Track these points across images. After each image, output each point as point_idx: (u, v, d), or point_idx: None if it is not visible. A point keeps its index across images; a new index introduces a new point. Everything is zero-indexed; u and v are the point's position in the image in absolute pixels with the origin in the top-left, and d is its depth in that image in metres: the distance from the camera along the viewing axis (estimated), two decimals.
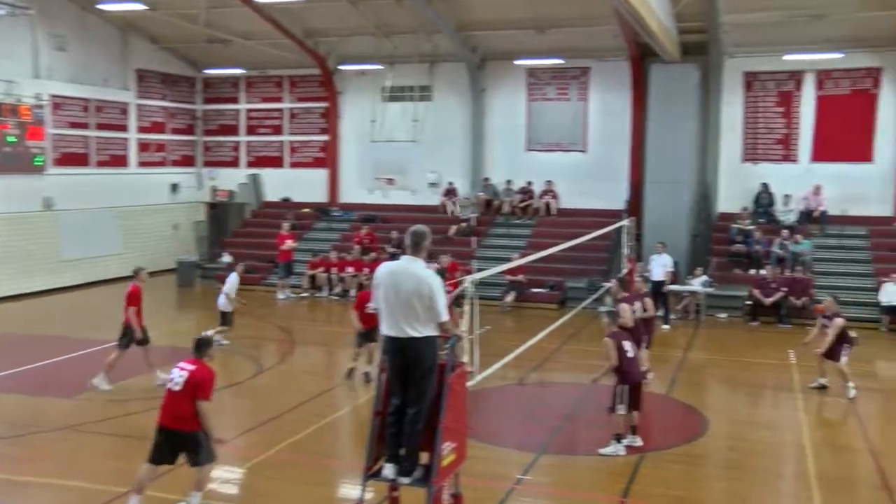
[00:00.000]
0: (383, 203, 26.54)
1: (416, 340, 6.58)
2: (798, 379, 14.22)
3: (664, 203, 21.69)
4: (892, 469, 9.86)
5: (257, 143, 28.84)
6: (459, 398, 6.72)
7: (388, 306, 6.67)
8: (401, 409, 6.62)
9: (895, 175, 22.35)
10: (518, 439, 11.21)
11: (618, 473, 9.71)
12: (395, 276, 6.68)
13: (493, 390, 13.21)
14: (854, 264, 21.34)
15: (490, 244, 24.23)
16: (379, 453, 6.73)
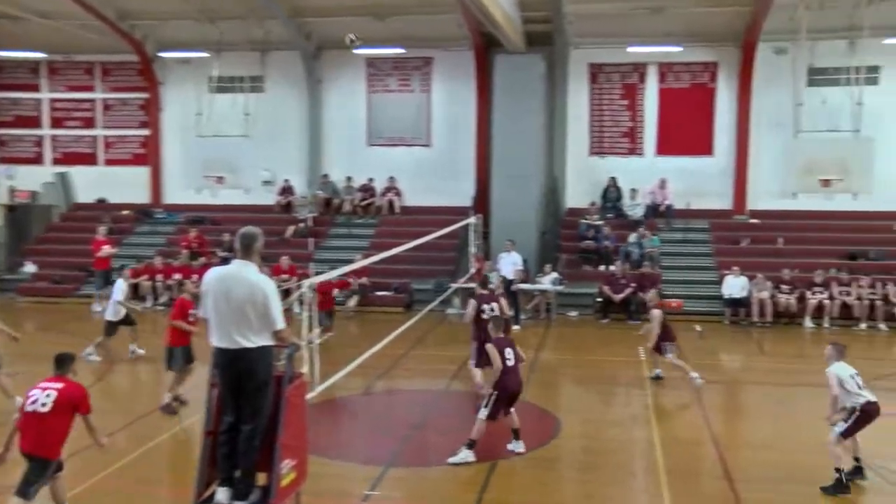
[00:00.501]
0: (213, 203, 25.79)
1: (250, 351, 6.44)
2: (648, 376, 14.98)
3: (512, 199, 22.30)
4: (733, 459, 10.57)
5: (65, 138, 27.37)
6: (298, 412, 6.63)
7: (219, 315, 6.48)
8: (234, 426, 6.45)
9: (734, 169, 24.01)
10: (364, 453, 11.16)
11: (470, 483, 9.85)
12: (225, 282, 6.51)
13: (336, 402, 13.13)
14: (698, 258, 22.80)
15: (330, 245, 24.14)
16: (211, 477, 6.53)
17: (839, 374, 9.62)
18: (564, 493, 9.96)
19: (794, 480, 9.91)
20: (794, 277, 20.66)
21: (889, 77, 23.04)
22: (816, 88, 22.25)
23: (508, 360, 10.52)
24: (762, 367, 16.82)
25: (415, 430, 11.96)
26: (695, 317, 20.48)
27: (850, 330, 19.75)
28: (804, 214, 23.22)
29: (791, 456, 10.76)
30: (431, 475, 10.24)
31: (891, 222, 23.00)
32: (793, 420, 12.56)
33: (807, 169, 20.53)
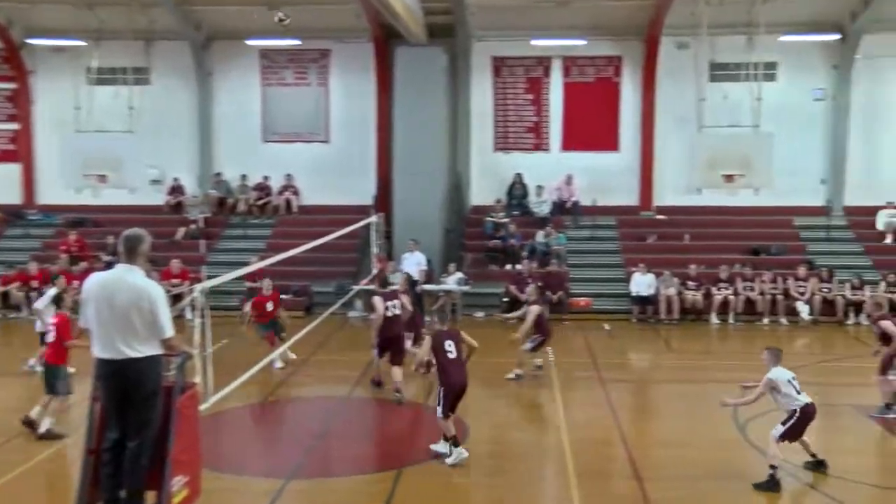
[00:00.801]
0: (95, 204, 24.89)
1: (137, 362, 6.23)
2: (557, 376, 15.20)
3: (415, 197, 22.31)
4: (643, 458, 10.82)
5: None
6: (191, 424, 6.45)
7: (101, 324, 6.24)
8: (119, 443, 6.22)
9: (640, 164, 24.62)
10: (264, 465, 10.97)
11: (374, 493, 9.79)
12: (107, 288, 6.28)
13: (233, 412, 12.86)
14: (605, 255, 23.28)
15: (224, 247, 23.72)
16: (93, 498, 6.27)
17: (777, 380, 9.94)
18: (473, 500, 10.02)
19: (704, 478, 10.22)
20: (700, 274, 21.34)
21: (786, 73, 24.09)
22: (718, 84, 23.00)
23: (450, 354, 10.58)
24: (670, 365, 17.29)
25: (317, 440, 11.83)
26: (603, 315, 21.00)
27: (753, 325, 20.53)
28: (709, 210, 23.99)
29: (700, 453, 11.09)
30: (335, 486, 10.15)
31: (790, 217, 24.05)
32: (701, 417, 12.92)
33: (710, 164, 21.14)
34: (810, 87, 24.38)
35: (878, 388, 12.89)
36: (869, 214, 23.82)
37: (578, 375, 15.70)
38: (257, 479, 10.35)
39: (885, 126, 24.23)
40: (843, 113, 24.17)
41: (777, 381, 9.95)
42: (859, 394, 13.98)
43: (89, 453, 6.32)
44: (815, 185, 24.36)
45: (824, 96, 24.39)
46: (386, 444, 11.07)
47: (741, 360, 17.58)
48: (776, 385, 9.96)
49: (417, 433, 12.56)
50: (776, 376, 10.00)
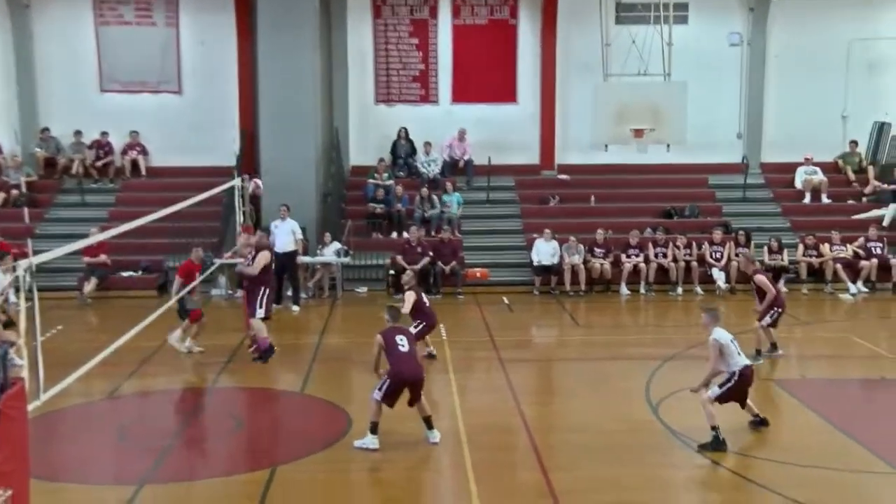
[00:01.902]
0: None
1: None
2: (452, 357, 15.25)
3: (285, 157, 21.87)
4: (546, 446, 10.99)
5: None
6: (16, 428, 6.16)
7: None
8: None
9: (540, 118, 24.84)
10: (111, 470, 10.68)
11: (243, 496, 9.66)
12: None
13: (71, 410, 12.48)
14: (503, 220, 23.48)
15: (56, 216, 22.94)
16: None
17: (721, 341, 10.68)
18: (358, 499, 9.96)
19: (615, 463, 10.44)
20: (609, 240, 21.72)
21: (698, 15, 24.73)
22: (625, 26, 23.18)
23: (401, 347, 10.82)
24: (577, 341, 17.57)
25: (175, 438, 11.55)
26: (501, 288, 21.18)
27: (667, 295, 21.08)
28: (616, 168, 24.49)
29: (610, 437, 11.32)
30: (198, 491, 9.96)
31: (705, 175, 24.76)
32: (611, 398, 13.20)
33: (618, 117, 21.35)
34: (725, 32, 25.10)
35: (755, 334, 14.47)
36: (787, 171, 24.78)
37: (475, 356, 15.80)
38: (102, 488, 10.05)
39: (804, 74, 25.09)
40: (759, 60, 24.99)
41: (721, 342, 10.64)
42: (780, 367, 14.56)
43: None
44: (731, 140, 25.19)
45: (739, 41, 25.11)
46: (257, 438, 10.89)
47: (654, 334, 18.16)
48: (720, 346, 10.63)
49: (292, 425, 12.43)
50: (720, 336, 10.71)
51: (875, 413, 12.77)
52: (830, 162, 25.16)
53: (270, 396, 13.49)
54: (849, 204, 23.87)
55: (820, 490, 9.59)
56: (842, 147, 25.31)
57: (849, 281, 20.98)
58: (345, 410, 12.47)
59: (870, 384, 14.14)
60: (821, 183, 24.10)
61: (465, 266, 21.58)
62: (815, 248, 21.54)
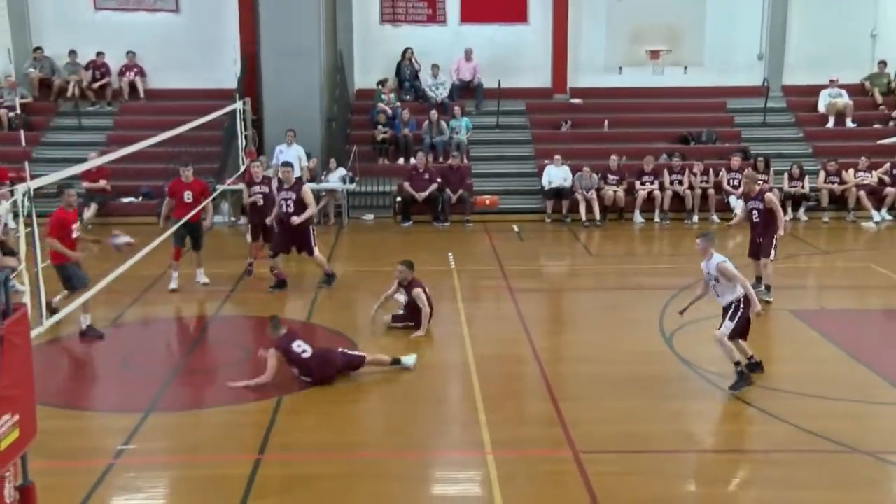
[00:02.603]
0: None
1: None
2: (460, 286, 15.33)
3: (288, 79, 21.79)
4: (557, 377, 11.09)
5: None
6: (20, 354, 6.22)
7: None
8: None
9: (552, 39, 24.52)
10: (116, 398, 10.84)
11: (252, 425, 9.80)
12: None
13: (75, 338, 12.59)
14: (514, 146, 23.37)
15: (53, 140, 22.89)
16: None
17: (727, 264, 10.38)
18: (368, 429, 10.11)
19: (626, 396, 10.53)
20: (623, 166, 21.62)
21: None
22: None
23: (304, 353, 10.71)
24: (589, 271, 17.62)
25: (180, 366, 11.69)
26: (511, 215, 21.17)
27: (682, 223, 21.02)
28: (631, 92, 24.26)
29: (621, 368, 11.41)
30: (205, 419, 10.15)
31: (723, 99, 24.51)
32: (624, 329, 13.28)
33: (633, 38, 21.16)
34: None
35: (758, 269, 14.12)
36: (810, 94, 24.47)
37: (484, 285, 15.88)
38: (108, 415, 10.23)
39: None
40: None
41: (727, 266, 10.38)
42: (798, 298, 14.60)
43: None
44: (751, 61, 24.84)
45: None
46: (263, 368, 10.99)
47: (669, 264, 18.16)
48: (727, 271, 10.34)
49: None
50: (725, 260, 10.45)
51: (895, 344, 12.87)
52: (857, 84, 24.80)
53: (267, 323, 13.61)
54: (875, 128, 23.66)
55: (836, 421, 9.68)
56: (870, 68, 24.92)
57: (872, 208, 20.91)
58: (350, 339, 12.58)
59: (891, 315, 14.21)
60: (846, 106, 23.82)
61: (474, 193, 21.56)
62: (838, 174, 21.43)
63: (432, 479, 8.95)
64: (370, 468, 8.89)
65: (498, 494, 8.19)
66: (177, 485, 8.79)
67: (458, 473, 8.97)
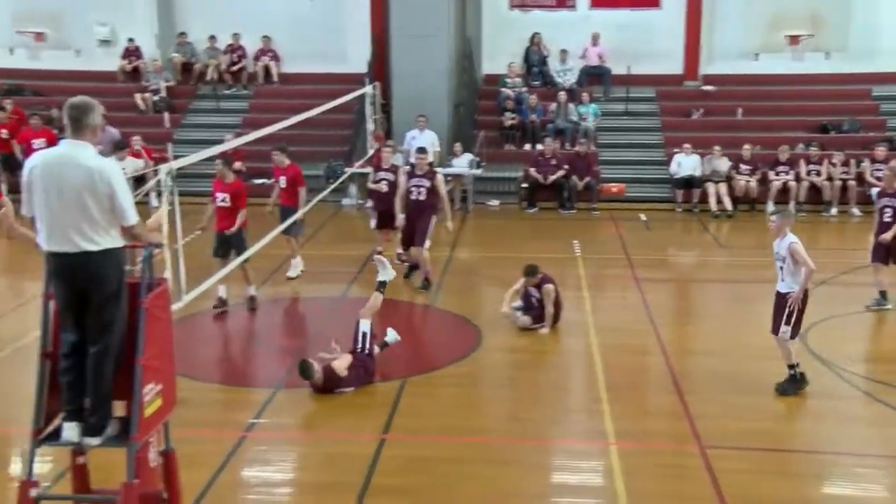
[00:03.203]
0: (33, 68, 24.61)
1: (95, 255, 6.16)
2: (585, 274, 15.28)
3: (416, 65, 21.93)
4: (682, 369, 10.96)
5: None
6: (162, 326, 6.46)
7: (50, 211, 6.13)
8: (79, 347, 6.25)
9: (685, 24, 24.05)
10: (248, 374, 11.22)
11: (376, 405, 9.99)
12: (53, 168, 6.14)
13: (210, 313, 13.02)
14: (643, 134, 23.07)
15: (193, 122, 23.63)
16: (53, 409, 6.38)
17: (800, 244, 10.07)
18: (488, 415, 10.18)
19: (755, 391, 10.35)
20: (756, 156, 21.12)
21: None
22: None
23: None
24: (718, 262, 17.32)
25: (310, 347, 11.97)
26: (639, 204, 20.93)
27: (819, 216, 20.41)
28: (768, 79, 23.56)
29: (751, 364, 11.18)
30: (332, 398, 10.29)
31: (868, 86, 23.57)
32: (753, 323, 12.97)
33: (772, 23, 20.46)
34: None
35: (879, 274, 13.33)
36: None
37: (610, 273, 15.78)
38: (241, 390, 10.57)
39: None
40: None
41: (799, 248, 10.03)
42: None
43: (45, 357, 6.36)
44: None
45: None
46: (390, 349, 11.19)
47: None
48: (797, 252, 9.99)
49: (423, 337, 12.74)
50: (797, 241, 10.10)
51: None
52: None
53: (402, 308, 13.78)
54: None
55: None
56: None
57: None
58: (474, 325, 12.68)
59: None
60: None
61: (601, 181, 21.38)
62: None
63: (553, 467, 8.99)
64: (490, 453, 8.98)
65: (621, 485, 8.16)
66: (303, 460, 9.08)
67: (580, 463, 8.97)
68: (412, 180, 14.49)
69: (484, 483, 8.32)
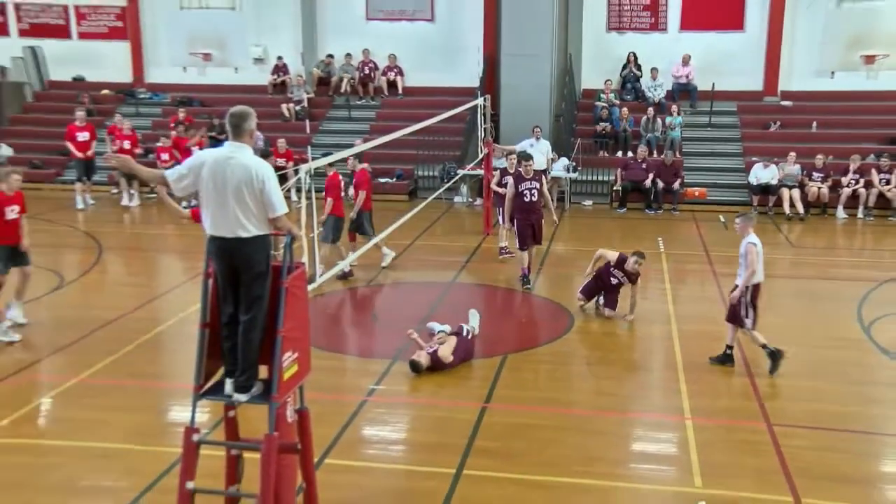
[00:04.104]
0: (201, 83, 25.44)
1: (247, 241, 6.38)
2: (668, 268, 15.08)
3: (522, 79, 21.98)
4: (753, 354, 10.70)
5: (31, 7, 26.54)
6: (299, 303, 6.62)
7: (215, 202, 6.40)
8: (235, 317, 6.50)
9: (766, 44, 23.43)
10: (369, 346, 11.39)
11: (480, 378, 10.07)
12: (219, 165, 6.41)
13: (339, 294, 13.30)
14: (724, 143, 22.58)
15: (328, 129, 23.97)
16: (210, 369, 6.62)
17: (758, 246, 10.14)
18: (576, 390, 10.16)
19: (819, 377, 10.18)
20: (828, 165, 20.44)
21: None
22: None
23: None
24: (790, 260, 16.84)
25: (422, 324, 12.11)
26: (719, 207, 20.50)
27: (885, 221, 19.69)
28: (842, 95, 22.80)
29: (816, 352, 10.99)
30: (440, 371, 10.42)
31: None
32: (820, 315, 12.70)
33: (850, 44, 19.63)
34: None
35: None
36: None
37: (689, 268, 15.54)
38: (364, 360, 10.77)
39: None
40: None
41: (759, 247, 10.12)
42: None
43: (203, 327, 6.59)
44: None
45: None
46: (492, 329, 11.26)
47: (868, 258, 17.10)
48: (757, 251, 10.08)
49: (524, 320, 12.74)
50: (757, 241, 10.16)
51: None
52: None
53: (503, 294, 13.84)
54: None
55: None
56: None
57: None
58: (567, 309, 12.65)
59: None
60: None
61: (685, 185, 21.03)
62: None
63: (634, 437, 8.94)
64: (579, 423, 8.98)
65: (695, 456, 8.10)
66: (415, 422, 9.20)
67: (659, 434, 8.91)
68: (523, 184, 13.87)
69: (572, 448, 8.35)
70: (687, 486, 7.65)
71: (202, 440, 6.52)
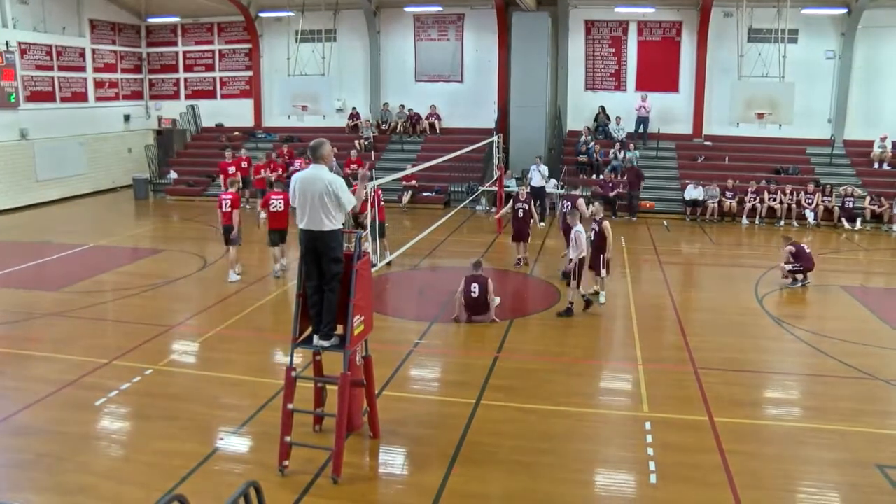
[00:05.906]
0: (299, 126, 25.20)
1: (327, 234, 6.31)
2: (627, 260, 14.73)
3: (525, 123, 21.63)
4: (686, 318, 10.46)
5: (193, 79, 26.82)
6: (365, 281, 6.50)
7: (305, 206, 6.35)
8: (319, 289, 6.37)
9: (694, 102, 22.92)
10: (414, 312, 11.18)
11: (493, 336, 9.85)
12: (306, 180, 6.35)
13: (393, 274, 13.11)
14: (666, 170, 22.02)
15: (387, 157, 23.67)
16: (303, 327, 6.49)
17: (583, 233, 10.30)
18: (565, 344, 9.91)
19: (729, 334, 9.95)
20: (736, 186, 19.90)
21: (805, 38, 21.64)
22: (754, 44, 20.60)
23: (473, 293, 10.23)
24: (711, 253, 16.42)
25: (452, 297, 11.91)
26: (663, 215, 20.10)
27: (773, 226, 19.14)
28: (744, 139, 22.16)
29: (727, 316, 10.74)
30: (465, 330, 10.25)
31: (804, 146, 22.03)
32: (731, 291, 12.32)
33: (746, 104, 19.32)
34: (823, 49, 21.86)
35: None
36: (865, 146, 21.44)
37: (643, 259, 15.15)
38: (410, 322, 10.59)
39: (880, 79, 21.53)
40: (847, 69, 21.63)
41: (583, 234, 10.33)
42: (847, 277, 13.01)
43: (298, 296, 6.48)
44: (823, 123, 22.07)
45: (834, 56, 21.86)
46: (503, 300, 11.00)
47: (762, 252, 16.66)
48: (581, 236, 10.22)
49: (523, 294, 12.49)
50: (582, 230, 10.38)
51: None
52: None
53: (512, 276, 13.57)
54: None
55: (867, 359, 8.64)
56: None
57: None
58: (556, 287, 12.36)
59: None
60: (885, 154, 20.78)
61: (640, 199, 20.51)
62: (879, 198, 18.84)
63: (602, 377, 8.70)
64: (566, 367, 8.78)
65: (644, 390, 7.94)
66: (447, 367, 9.01)
67: (619, 375, 8.66)
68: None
69: (559, 385, 8.16)
70: (638, 412, 7.46)
71: (298, 375, 6.47)
